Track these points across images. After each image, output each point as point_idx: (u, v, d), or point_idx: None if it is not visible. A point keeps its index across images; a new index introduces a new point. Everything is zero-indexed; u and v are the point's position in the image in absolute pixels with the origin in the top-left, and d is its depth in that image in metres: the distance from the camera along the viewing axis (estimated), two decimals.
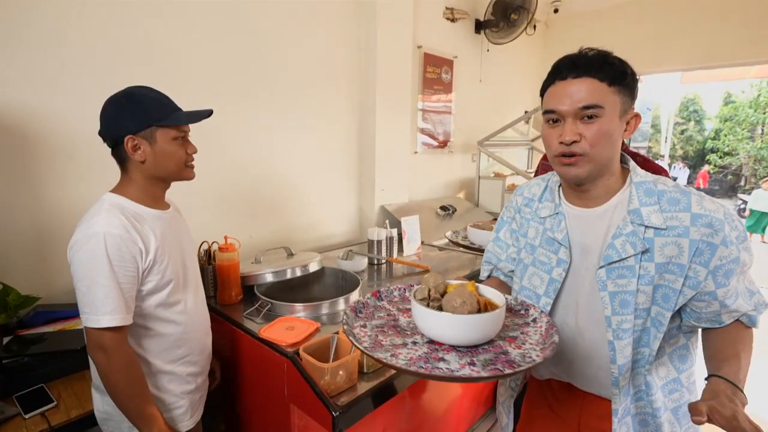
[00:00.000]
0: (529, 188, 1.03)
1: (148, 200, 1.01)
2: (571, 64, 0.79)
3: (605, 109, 0.77)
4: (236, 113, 1.79)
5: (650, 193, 0.81)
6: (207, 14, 1.64)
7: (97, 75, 1.38)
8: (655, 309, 0.82)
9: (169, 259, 1.00)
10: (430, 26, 2.74)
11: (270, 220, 2.00)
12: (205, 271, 1.45)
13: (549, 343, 0.76)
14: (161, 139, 0.97)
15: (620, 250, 0.81)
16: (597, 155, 0.80)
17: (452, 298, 0.76)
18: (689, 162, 15.40)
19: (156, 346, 1.01)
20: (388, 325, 0.85)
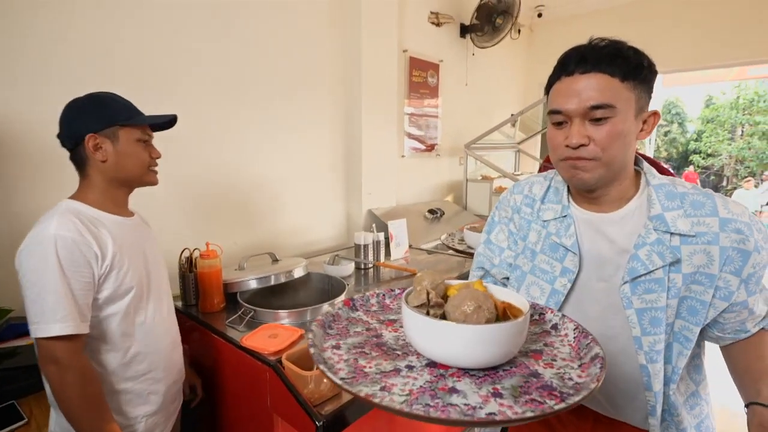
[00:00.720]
0: (530, 186, 0.92)
1: (108, 205, 0.98)
2: (579, 57, 0.70)
3: (617, 109, 0.68)
4: (221, 118, 1.76)
5: (672, 196, 0.73)
6: (191, 20, 1.61)
7: (75, 82, 1.35)
8: (680, 323, 0.73)
9: (129, 267, 0.95)
10: (416, 30, 2.75)
11: (255, 225, 1.97)
12: (186, 278, 1.42)
13: (589, 357, 0.58)
14: (124, 139, 0.95)
15: (646, 261, 0.71)
16: (609, 160, 0.71)
17: (462, 303, 0.56)
18: (673, 163, 15.70)
19: (113, 360, 0.95)
20: (369, 343, 0.65)
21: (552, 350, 0.64)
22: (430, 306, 0.61)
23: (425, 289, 0.63)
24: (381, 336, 0.68)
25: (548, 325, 0.71)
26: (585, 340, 0.62)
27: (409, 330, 0.59)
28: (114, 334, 0.94)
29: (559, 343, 0.66)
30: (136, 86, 1.49)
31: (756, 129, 12.68)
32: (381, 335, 0.68)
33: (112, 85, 1.36)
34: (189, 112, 1.65)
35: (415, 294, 0.63)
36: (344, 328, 0.70)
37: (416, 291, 0.63)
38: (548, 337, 0.68)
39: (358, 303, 0.78)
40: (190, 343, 1.41)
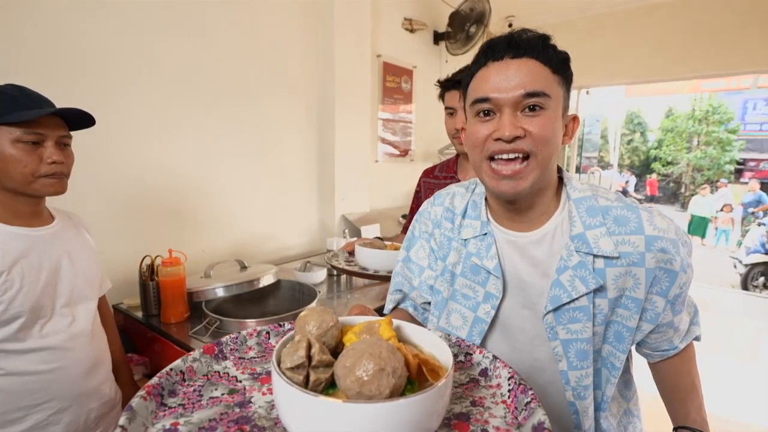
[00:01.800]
0: (451, 198, 0.81)
1: (7, 216, 0.88)
2: (509, 41, 0.63)
3: (551, 100, 0.61)
4: (187, 119, 1.69)
5: (593, 212, 0.65)
6: (158, 16, 1.54)
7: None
8: (607, 348, 0.68)
9: (21, 287, 0.85)
10: (389, 36, 2.75)
11: (225, 232, 1.90)
12: (146, 287, 1.34)
13: (530, 426, 0.43)
14: (2, 139, 0.83)
15: (569, 288, 0.64)
16: (544, 158, 0.62)
17: (356, 363, 0.39)
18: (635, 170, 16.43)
19: (3, 388, 0.85)
20: (227, 420, 0.44)
21: (482, 412, 0.49)
22: (311, 366, 0.42)
23: (305, 338, 0.43)
24: (249, 404, 0.47)
25: (476, 370, 0.58)
26: (524, 396, 0.48)
27: (280, 404, 0.40)
28: (2, 363, 0.85)
29: (490, 400, 0.51)
30: (87, 84, 1.41)
31: (710, 138, 13.46)
32: (249, 402, 0.48)
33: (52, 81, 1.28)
34: (153, 113, 1.58)
35: (291, 347, 0.43)
36: (196, 392, 0.49)
37: (293, 342, 0.43)
38: (476, 390, 0.53)
39: (227, 348, 0.58)
40: (150, 355, 1.34)
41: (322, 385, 0.42)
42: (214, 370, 0.54)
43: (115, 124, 1.46)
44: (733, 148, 13.26)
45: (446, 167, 1.49)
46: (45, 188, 0.89)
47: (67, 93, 0.98)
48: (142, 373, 1.31)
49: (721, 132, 13.25)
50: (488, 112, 0.64)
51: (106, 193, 1.48)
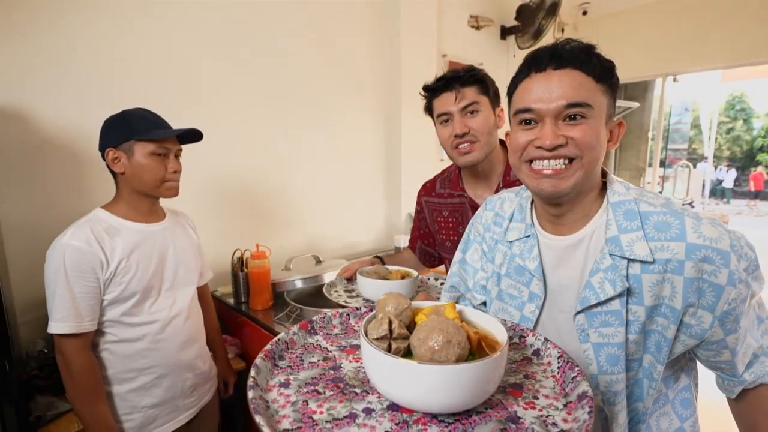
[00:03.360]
0: (501, 203, 0.84)
1: (132, 214, 1.08)
2: (551, 53, 0.64)
3: (594, 110, 0.62)
4: (264, 125, 1.87)
5: (631, 216, 0.65)
6: (236, 37, 1.73)
7: (117, 95, 1.49)
8: (648, 358, 0.66)
9: (136, 271, 1.04)
10: (455, 35, 2.76)
11: (299, 228, 2.06)
12: (237, 277, 1.52)
13: (575, 395, 0.51)
14: (139, 152, 1.02)
15: (598, 290, 0.64)
16: (589, 162, 0.63)
17: (428, 336, 0.48)
18: (737, 163, 14.52)
19: (119, 352, 1.05)
20: (324, 378, 0.56)
21: (533, 384, 0.56)
22: (392, 338, 0.52)
23: (387, 316, 0.54)
24: (340, 368, 0.59)
25: (529, 350, 0.64)
26: (571, 372, 0.55)
27: (369, 367, 0.51)
28: (119, 332, 1.04)
29: (541, 374, 0.58)
30: (186, 100, 1.62)
31: None
32: (340, 366, 0.59)
33: (156, 98, 1.49)
34: (240, 124, 1.77)
35: (375, 323, 0.53)
36: (298, 358, 0.61)
37: (377, 319, 0.54)
38: (529, 366, 0.61)
39: (317, 325, 0.70)
40: (240, 337, 1.51)
41: (401, 353, 0.52)
42: (309, 342, 0.66)
43: (210, 135, 1.66)
44: None
45: (449, 183, 1.25)
46: (167, 192, 1.09)
47: (168, 109, 1.17)
48: (234, 353, 1.48)
49: None
50: (530, 121, 0.66)
51: (205, 194, 1.69)
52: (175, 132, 1.06)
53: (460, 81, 1.06)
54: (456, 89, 1.06)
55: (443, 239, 1.25)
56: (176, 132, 1.06)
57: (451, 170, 1.27)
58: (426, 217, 1.31)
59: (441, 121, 1.11)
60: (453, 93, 1.06)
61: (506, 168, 1.13)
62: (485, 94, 1.08)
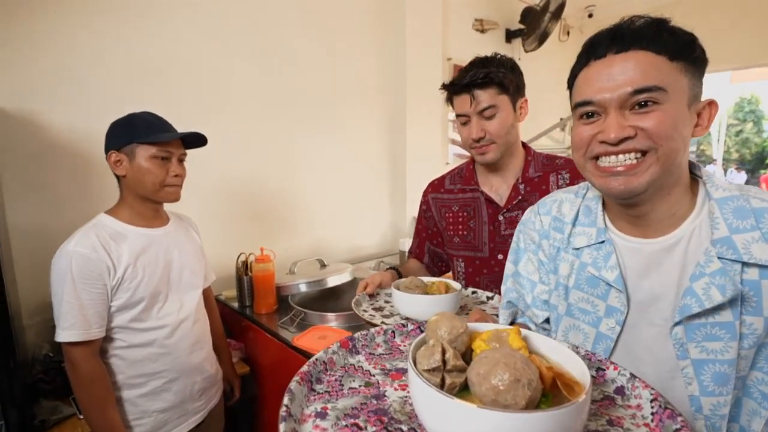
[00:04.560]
0: (558, 205, 0.74)
1: (135, 219, 1.07)
2: (612, 35, 0.56)
3: (668, 94, 0.53)
4: (270, 129, 1.88)
5: (743, 213, 0.55)
6: (239, 35, 1.74)
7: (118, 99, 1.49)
8: (757, 375, 0.56)
9: (143, 277, 1.04)
10: (460, 38, 2.75)
11: (304, 232, 2.06)
12: (242, 281, 1.51)
13: None
14: (140, 155, 1.02)
15: (702, 297, 0.55)
16: (666, 154, 0.55)
17: (491, 371, 0.39)
18: (746, 166, 14.34)
19: (128, 358, 1.04)
20: (366, 410, 0.48)
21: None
22: (446, 370, 0.44)
23: (440, 343, 0.45)
24: (384, 397, 0.50)
25: (611, 387, 0.52)
26: (671, 422, 0.43)
27: (418, 403, 0.43)
28: (127, 337, 1.04)
29: (630, 421, 0.46)
30: (194, 105, 1.63)
31: None
32: (384, 395, 0.51)
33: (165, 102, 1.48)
34: (246, 128, 1.78)
35: (426, 350, 0.45)
36: (337, 381, 0.54)
37: (428, 346, 0.46)
38: (613, 410, 0.49)
39: (359, 344, 0.62)
40: (245, 341, 1.51)
41: (456, 389, 0.43)
42: (349, 363, 0.58)
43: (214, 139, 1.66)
44: None
45: (459, 177, 1.23)
46: (168, 196, 1.09)
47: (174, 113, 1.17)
48: (239, 356, 1.48)
49: None
50: (592, 114, 0.59)
51: (209, 198, 1.69)
52: (175, 135, 1.06)
53: (477, 86, 1.06)
54: (471, 93, 1.06)
55: (451, 235, 1.22)
56: (177, 135, 1.06)
57: (462, 166, 1.25)
58: (434, 215, 1.27)
59: (461, 122, 1.12)
60: (468, 98, 1.06)
61: (525, 164, 1.14)
62: (504, 93, 1.08)
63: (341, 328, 1.31)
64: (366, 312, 1.04)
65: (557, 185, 1.10)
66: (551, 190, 1.09)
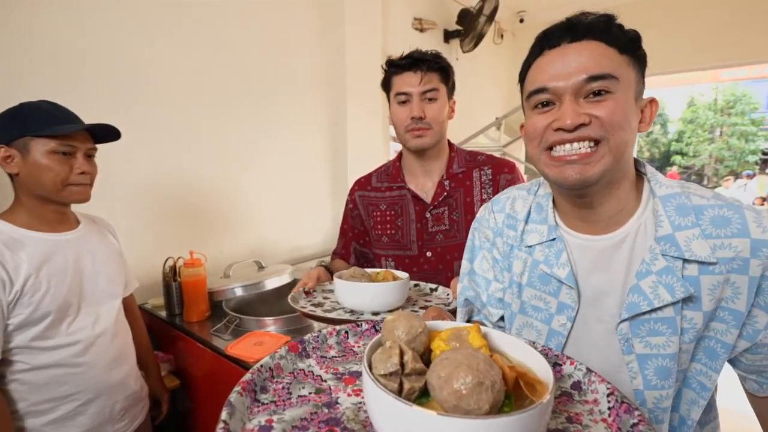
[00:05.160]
0: (511, 202, 0.74)
1: (35, 223, 0.95)
2: (566, 27, 0.58)
3: (620, 83, 0.54)
4: (203, 126, 1.75)
5: (684, 211, 0.57)
6: (166, 22, 1.60)
7: (27, 86, 1.33)
8: (696, 367, 0.59)
9: (48, 288, 0.92)
10: (400, 36, 2.77)
11: (242, 233, 1.96)
12: (170, 287, 1.40)
13: None
14: (35, 150, 0.90)
15: (650, 295, 0.56)
16: (618, 144, 0.55)
17: (453, 374, 0.37)
18: (656, 163, 16.07)
19: (31, 382, 0.92)
20: (317, 420, 0.44)
21: (580, 431, 0.44)
22: (404, 374, 0.41)
23: (397, 345, 0.42)
24: (336, 404, 0.47)
25: (567, 382, 0.52)
26: (628, 416, 0.43)
27: (373, 410, 0.40)
28: (30, 359, 0.91)
29: (588, 417, 0.46)
30: (104, 93, 1.47)
31: (734, 130, 13.05)
32: (336, 403, 0.47)
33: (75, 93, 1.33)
34: (171, 119, 1.64)
35: (383, 353, 0.42)
36: (285, 389, 0.49)
37: (385, 348, 0.42)
38: (571, 405, 0.48)
39: (310, 346, 0.58)
40: (174, 353, 1.40)
41: (416, 394, 0.40)
42: (299, 368, 0.54)
43: (136, 131, 1.53)
44: (758, 138, 12.84)
45: (386, 175, 1.20)
46: (72, 196, 0.96)
47: (87, 103, 1.05)
48: (167, 369, 1.37)
49: (746, 122, 12.84)
50: (546, 103, 0.58)
51: (131, 197, 1.55)
52: (79, 127, 0.93)
53: (427, 64, 1.06)
54: (422, 71, 1.06)
55: (379, 234, 1.20)
56: (80, 127, 0.93)
57: (389, 164, 1.24)
58: (361, 213, 1.24)
59: (399, 101, 1.09)
60: (418, 75, 1.05)
61: (449, 160, 1.15)
62: (445, 83, 1.09)
63: (280, 332, 1.25)
64: (305, 308, 0.97)
65: (480, 180, 1.13)
66: (474, 186, 1.13)
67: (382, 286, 0.88)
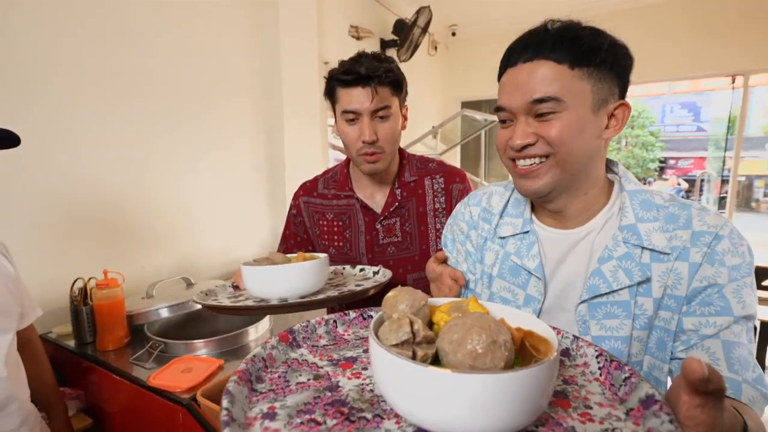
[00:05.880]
0: (487, 197, 0.78)
1: None
2: (521, 44, 0.61)
3: (565, 102, 0.57)
4: (118, 127, 1.58)
5: (648, 206, 0.62)
6: (83, 22, 1.43)
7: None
8: (649, 360, 0.60)
9: None
10: (337, 43, 2.75)
11: (168, 247, 1.79)
12: (79, 312, 1.23)
13: (636, 400, 0.41)
14: None
15: (610, 279, 0.60)
16: (564, 158, 0.59)
17: (466, 336, 0.37)
18: None
19: None
20: (322, 403, 0.43)
21: (579, 390, 0.45)
22: (415, 343, 0.40)
23: (406, 316, 0.42)
24: (338, 387, 0.46)
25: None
26: (619, 372, 0.45)
27: (385, 382, 0.39)
28: None
29: (581, 378, 0.48)
30: (7, 95, 1.27)
31: (637, 140, 14.72)
32: (337, 386, 0.47)
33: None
34: (81, 124, 1.46)
35: (391, 325, 0.41)
36: (281, 378, 0.49)
37: (392, 320, 0.42)
38: (563, 370, 0.50)
39: (300, 336, 0.57)
40: (85, 387, 1.23)
41: (428, 361, 0.40)
42: (291, 358, 0.54)
43: (38, 138, 1.33)
44: (656, 148, 14.58)
45: (333, 182, 1.13)
46: None
47: None
48: (76, 408, 1.19)
49: (646, 134, 14.54)
50: (505, 119, 0.64)
51: (30, 213, 1.34)
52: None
53: (378, 80, 0.94)
54: (372, 88, 0.93)
55: (326, 245, 1.11)
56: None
57: (336, 169, 1.15)
58: (305, 221, 1.13)
59: (347, 119, 0.98)
60: (368, 91, 0.93)
61: (401, 168, 1.10)
62: (397, 95, 1.00)
63: (213, 356, 1.15)
64: (214, 300, 0.83)
65: (432, 189, 1.09)
66: (427, 194, 1.09)
67: (297, 267, 0.75)
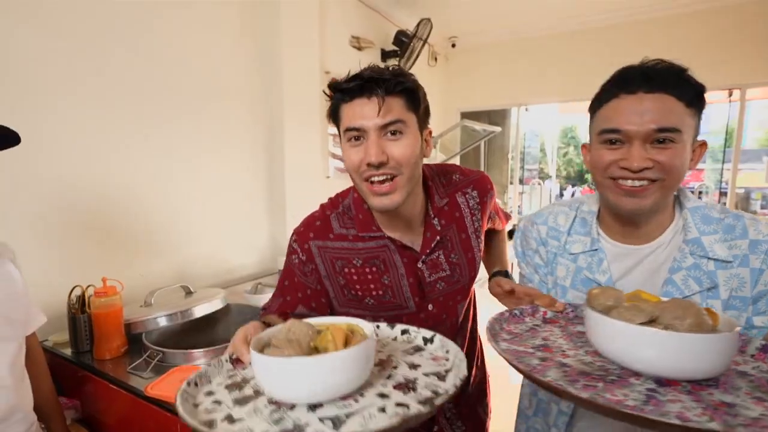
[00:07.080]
0: (553, 217, 0.86)
1: None
2: (643, 75, 0.66)
3: (682, 134, 0.65)
4: (122, 133, 1.58)
5: (708, 220, 0.71)
6: (86, 28, 1.44)
7: None
8: None
9: None
10: (338, 53, 2.77)
11: (167, 255, 1.78)
12: (77, 321, 1.22)
13: (754, 348, 0.57)
14: None
15: (682, 286, 0.69)
16: (670, 185, 0.67)
17: (686, 312, 0.51)
18: (572, 181, 17.70)
19: None
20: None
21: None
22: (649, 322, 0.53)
23: (635, 303, 0.55)
24: None
25: None
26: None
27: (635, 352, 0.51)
28: None
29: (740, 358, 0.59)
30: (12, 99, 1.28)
31: None
32: None
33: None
34: (84, 130, 1.46)
35: (628, 311, 0.54)
36: None
37: (627, 308, 0.55)
38: None
39: None
40: (81, 397, 1.21)
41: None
42: None
43: (41, 142, 1.33)
44: None
45: (350, 219, 0.87)
46: None
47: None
48: (72, 418, 1.18)
49: None
50: (615, 141, 0.69)
51: (29, 218, 1.34)
52: None
53: (386, 86, 0.73)
54: (378, 96, 0.72)
55: (358, 296, 0.86)
56: None
57: (347, 203, 0.89)
58: (320, 269, 0.86)
59: (350, 138, 0.77)
60: (374, 101, 0.73)
61: (429, 191, 0.88)
62: (414, 111, 0.78)
63: None
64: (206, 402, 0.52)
65: (468, 206, 0.92)
66: (465, 216, 0.91)
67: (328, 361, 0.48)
